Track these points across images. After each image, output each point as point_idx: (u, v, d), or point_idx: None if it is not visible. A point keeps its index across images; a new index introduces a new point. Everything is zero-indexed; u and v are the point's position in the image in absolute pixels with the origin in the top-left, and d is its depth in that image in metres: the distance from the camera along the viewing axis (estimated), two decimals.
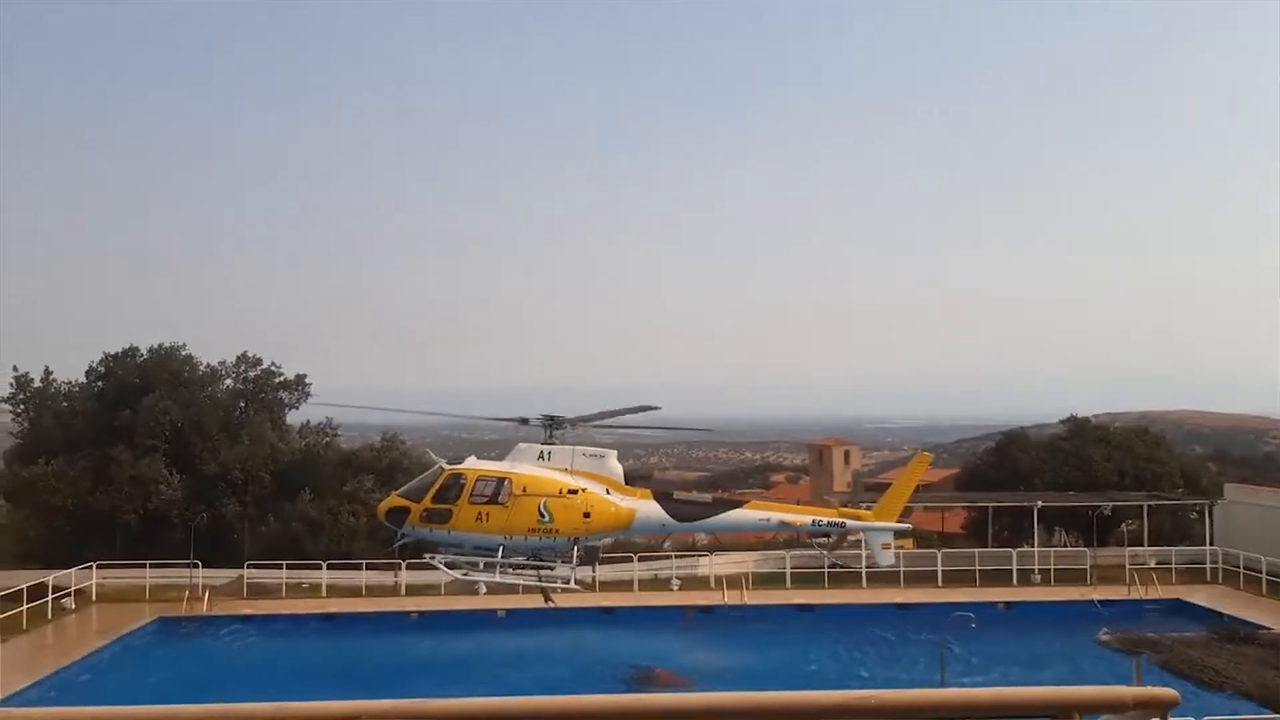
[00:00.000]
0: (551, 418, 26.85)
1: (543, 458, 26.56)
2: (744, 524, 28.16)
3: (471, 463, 26.49)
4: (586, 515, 26.13)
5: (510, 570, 26.20)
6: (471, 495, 25.62)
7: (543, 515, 25.73)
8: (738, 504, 27.91)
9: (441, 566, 26.48)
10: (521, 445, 27.07)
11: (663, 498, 27.39)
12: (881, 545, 28.56)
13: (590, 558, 27.28)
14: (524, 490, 25.75)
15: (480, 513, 25.58)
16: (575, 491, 26.09)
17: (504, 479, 25.93)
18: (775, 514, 28.18)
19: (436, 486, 25.75)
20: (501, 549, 25.77)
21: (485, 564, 25.86)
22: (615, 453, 27.44)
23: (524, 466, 26.32)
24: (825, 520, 28.43)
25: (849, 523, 28.66)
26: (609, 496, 26.44)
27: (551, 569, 26.42)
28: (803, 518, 28.35)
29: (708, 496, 28.78)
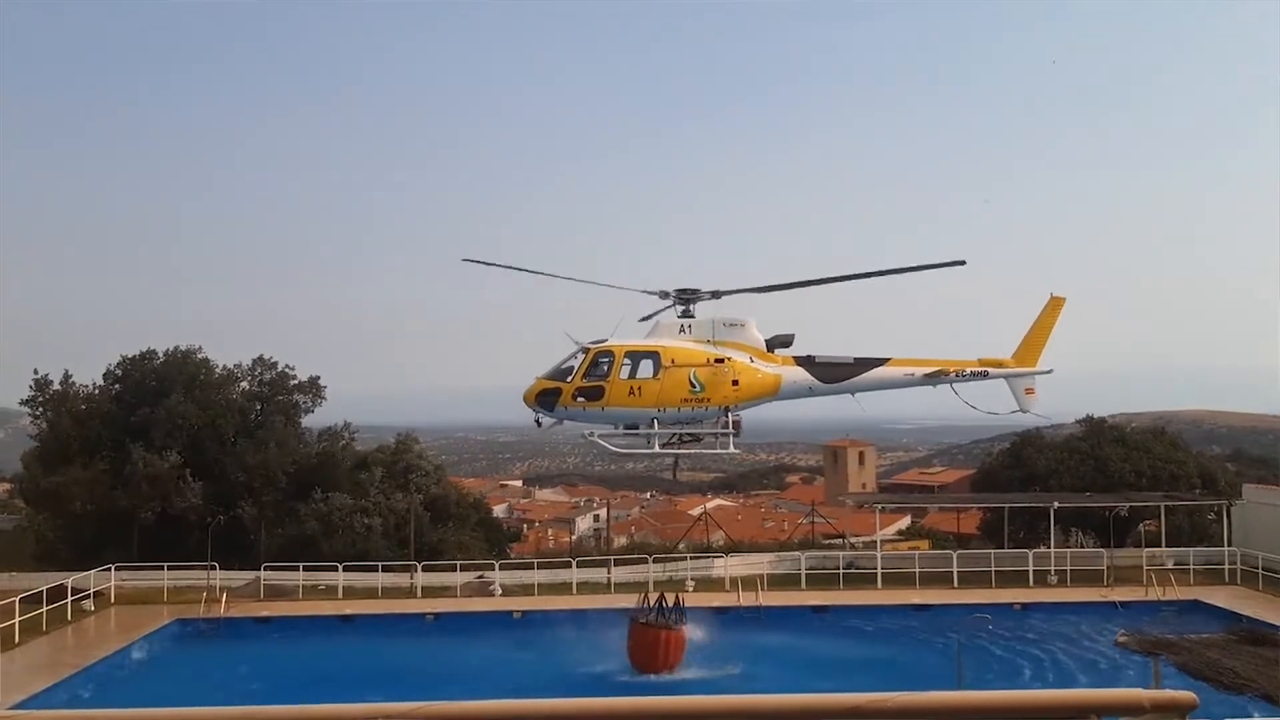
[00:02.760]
0: (685, 291, 26.77)
1: (683, 331, 26.57)
2: (889, 380, 28.01)
3: (614, 341, 26.45)
4: (735, 383, 26.22)
5: (667, 441, 26.40)
6: (622, 370, 25.71)
7: (694, 385, 25.83)
8: (881, 361, 27.85)
9: (603, 444, 26.62)
10: (661, 320, 26.91)
11: (806, 361, 27.32)
12: (1025, 390, 28.48)
13: (734, 431, 27.25)
14: (673, 362, 25.83)
15: (633, 387, 25.67)
16: (722, 360, 26.17)
17: (653, 352, 25.96)
18: (919, 368, 28.12)
19: (585, 364, 25.75)
20: (655, 421, 25.88)
21: (642, 437, 26.07)
22: (754, 320, 27.33)
23: (668, 339, 26.35)
24: (969, 370, 28.37)
25: (991, 370, 28.59)
26: (754, 364, 26.55)
27: (698, 439, 26.71)
28: (947, 368, 28.32)
29: (850, 357, 28.41)
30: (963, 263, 26.39)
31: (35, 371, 44.42)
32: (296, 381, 46.79)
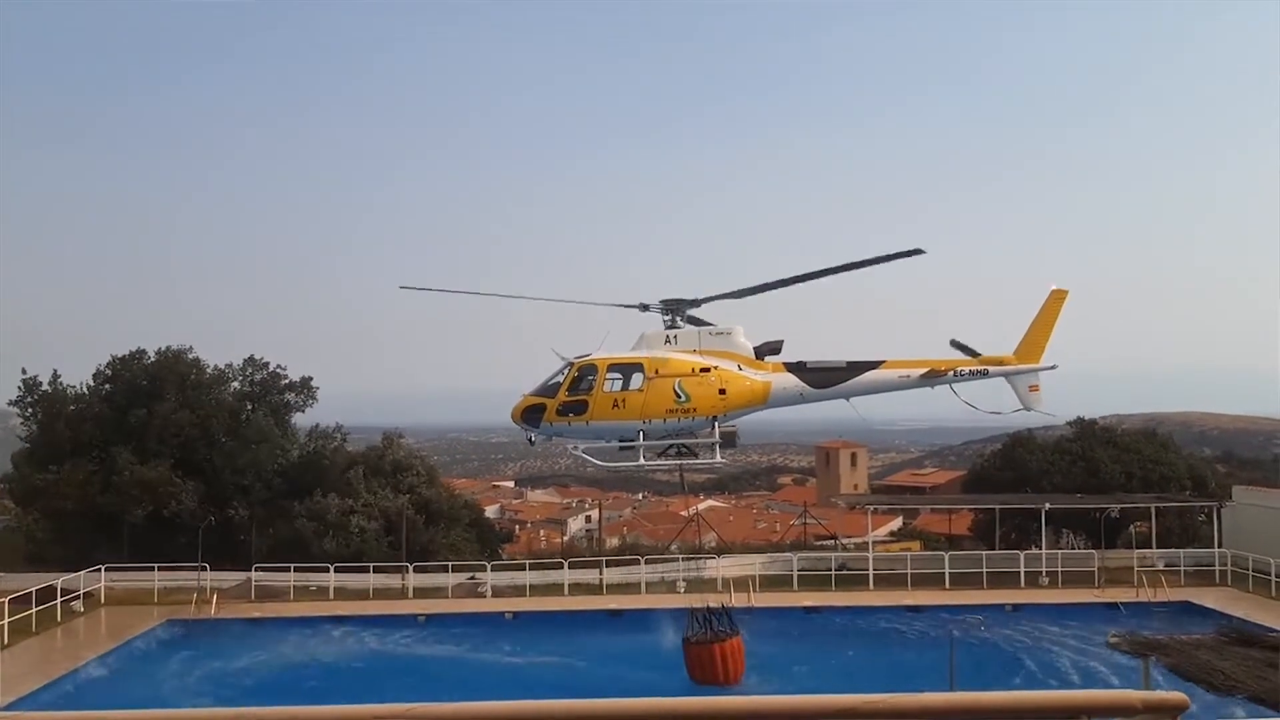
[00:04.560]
0: (671, 301, 26.64)
1: (669, 341, 26.38)
2: (884, 384, 27.38)
3: (599, 354, 26.33)
4: (722, 392, 25.99)
5: (653, 454, 26.27)
6: (606, 383, 25.64)
7: (679, 395, 25.65)
8: (875, 364, 27.32)
9: (587, 457, 26.55)
10: (647, 331, 26.75)
11: (796, 368, 27.01)
12: (1029, 388, 27.89)
13: (728, 443, 27.00)
14: (657, 372, 25.67)
15: (617, 399, 25.54)
16: (708, 369, 25.97)
17: (636, 364, 25.81)
18: (914, 369, 27.52)
19: (569, 379, 25.69)
20: (641, 434, 25.76)
21: (629, 449, 25.96)
22: (742, 328, 27.06)
23: (652, 350, 26.25)
24: (967, 369, 27.86)
25: (991, 368, 28.01)
26: (742, 372, 26.33)
27: (695, 454, 26.56)
28: (943, 367, 27.74)
29: (842, 361, 27.70)
30: (921, 251, 25.37)
31: (24, 371, 44.28)
32: (288, 381, 46.67)
